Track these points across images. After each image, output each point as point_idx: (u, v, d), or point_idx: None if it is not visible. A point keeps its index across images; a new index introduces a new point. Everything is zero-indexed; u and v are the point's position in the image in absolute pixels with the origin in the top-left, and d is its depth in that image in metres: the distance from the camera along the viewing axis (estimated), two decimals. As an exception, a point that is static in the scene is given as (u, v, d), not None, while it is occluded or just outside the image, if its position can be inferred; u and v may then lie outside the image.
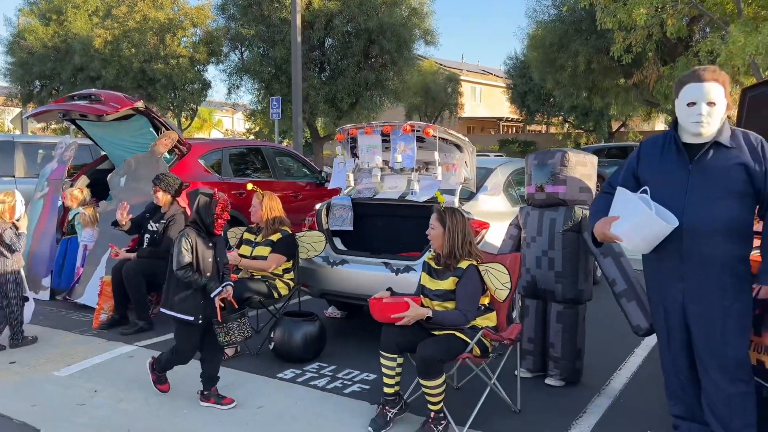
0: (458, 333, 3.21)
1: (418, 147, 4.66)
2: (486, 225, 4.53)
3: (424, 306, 3.31)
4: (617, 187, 2.92)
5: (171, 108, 23.36)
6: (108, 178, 6.35)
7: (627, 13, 11.09)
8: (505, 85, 31.90)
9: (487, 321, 3.30)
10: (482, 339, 3.22)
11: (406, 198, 4.72)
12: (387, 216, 5.10)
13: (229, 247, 4.90)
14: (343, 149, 5.08)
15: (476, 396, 3.38)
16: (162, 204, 5.33)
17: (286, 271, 4.66)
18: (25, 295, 4.74)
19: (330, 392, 3.79)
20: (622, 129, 28.30)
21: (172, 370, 4.19)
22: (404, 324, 3.15)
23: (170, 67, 21.29)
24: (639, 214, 2.69)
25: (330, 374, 4.10)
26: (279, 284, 4.58)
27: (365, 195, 5.03)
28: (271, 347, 4.34)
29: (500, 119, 38.04)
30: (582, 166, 3.92)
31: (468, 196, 4.85)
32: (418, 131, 4.51)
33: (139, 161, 6.16)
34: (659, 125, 30.86)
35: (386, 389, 3.31)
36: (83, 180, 6.97)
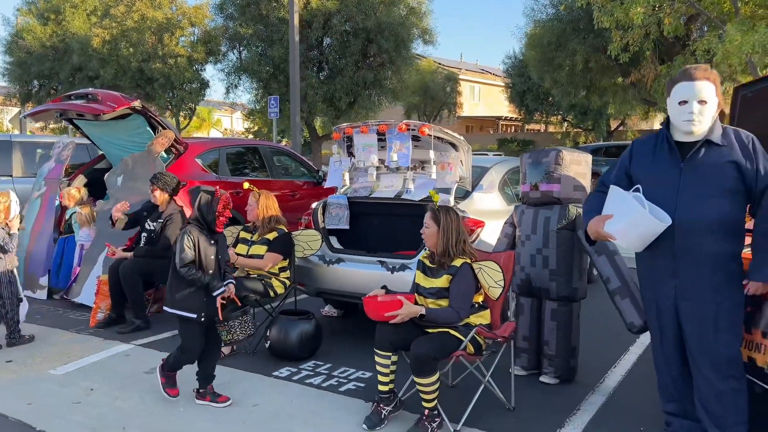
0: (452, 331, 3.23)
1: (414, 146, 4.67)
2: (481, 223, 4.54)
3: (418, 304, 3.32)
4: (611, 186, 2.94)
5: (169, 107, 23.35)
6: (105, 178, 6.36)
7: (624, 12, 11.09)
8: (504, 84, 31.90)
9: (481, 319, 3.32)
10: (476, 337, 3.23)
11: (402, 197, 4.73)
12: (383, 215, 5.11)
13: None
14: (339, 148, 5.09)
15: (471, 394, 3.39)
16: (159, 203, 5.35)
17: (282, 270, 4.67)
18: (19, 296, 4.74)
19: (325, 390, 3.80)
20: (621, 128, 28.29)
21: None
22: (398, 322, 3.16)
23: (168, 67, 21.29)
24: (632, 213, 2.71)
25: (326, 372, 4.11)
26: (275, 283, 4.60)
27: (361, 194, 5.05)
28: (267, 346, 4.35)
29: (499, 118, 38.04)
30: (576, 165, 3.94)
31: (463, 195, 4.86)
32: (414, 130, 4.52)
33: (136, 160, 6.17)
34: (657, 124, 30.81)
35: (381, 387, 3.32)
36: (80, 179, 6.98)
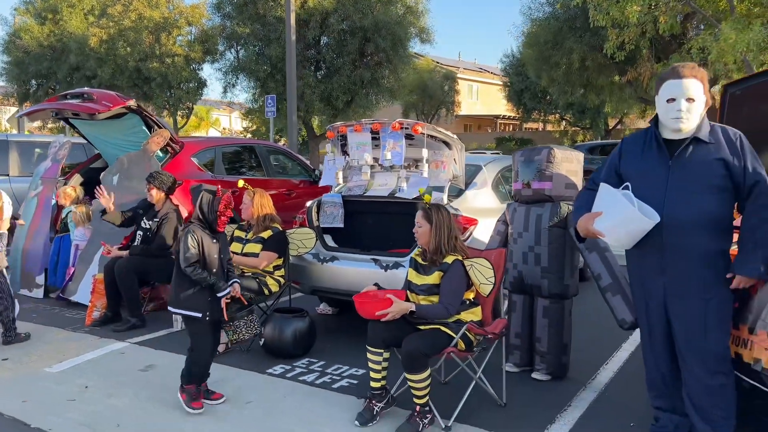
0: (443, 327, 3.25)
1: (408, 144, 4.69)
2: (474, 221, 4.57)
3: (410, 300, 3.35)
4: (600, 183, 2.96)
5: (167, 107, 23.35)
6: (101, 177, 6.38)
7: (620, 11, 11.12)
8: (502, 83, 31.91)
9: (472, 315, 3.34)
10: (467, 333, 3.25)
11: (396, 195, 4.75)
12: (377, 213, 5.13)
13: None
14: (334, 147, 5.11)
15: (463, 390, 3.41)
16: (155, 201, 5.37)
17: (277, 268, 4.69)
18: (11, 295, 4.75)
19: (318, 387, 3.82)
20: (619, 126, 28.32)
21: (164, 368, 4.23)
22: (389, 319, 3.19)
23: (166, 66, 21.29)
24: (621, 210, 2.73)
25: (319, 370, 4.13)
26: (269, 281, 4.61)
27: (355, 192, 5.06)
28: (261, 343, 4.37)
29: (497, 117, 38.06)
30: (568, 163, 3.96)
31: (457, 193, 4.89)
32: (407, 129, 4.54)
33: (132, 159, 6.19)
34: (654, 122, 30.80)
35: (373, 383, 3.34)
36: (76, 178, 7.00)
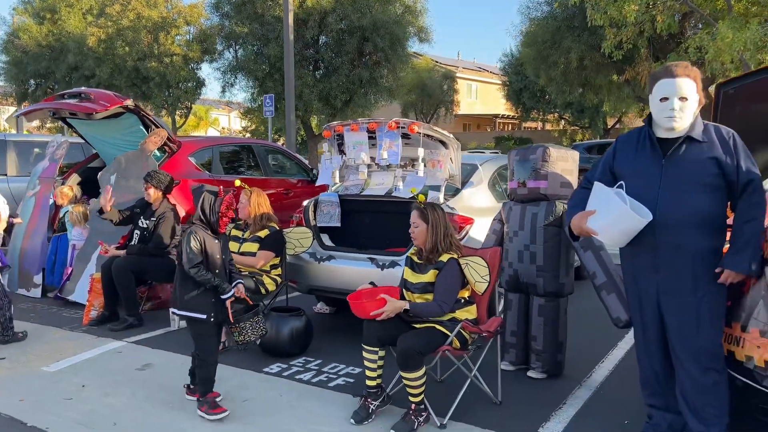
0: (438, 326, 3.26)
1: (405, 144, 4.71)
2: (470, 220, 4.58)
3: (405, 298, 3.36)
4: (594, 182, 2.97)
5: (165, 106, 23.37)
6: (98, 176, 6.39)
7: (617, 10, 11.13)
8: (501, 82, 31.95)
9: (467, 314, 3.35)
10: (462, 332, 3.27)
11: (392, 194, 4.76)
12: (373, 212, 5.14)
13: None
14: (330, 146, 5.12)
15: (459, 389, 3.42)
16: (153, 201, 5.39)
17: (274, 267, 4.71)
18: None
19: (315, 386, 3.84)
20: (618, 125, 28.35)
21: (161, 367, 4.24)
22: (384, 318, 3.20)
23: (164, 66, 21.31)
24: (614, 209, 2.74)
25: (315, 368, 4.15)
26: (266, 280, 4.63)
27: (352, 191, 5.08)
28: (258, 342, 4.37)
29: (496, 116, 38.10)
30: (563, 162, 3.97)
31: (453, 192, 4.90)
32: (404, 128, 4.55)
33: (129, 159, 6.20)
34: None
35: (368, 382, 3.36)
36: (74, 178, 7.01)
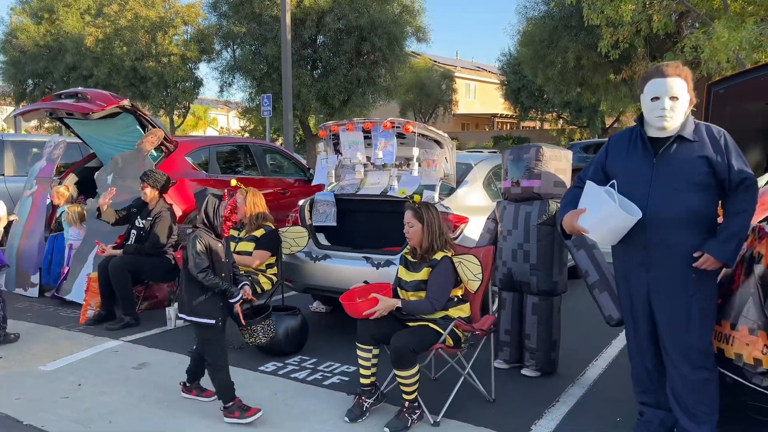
0: (431, 324, 3.29)
1: (400, 143, 4.72)
2: (465, 219, 4.60)
3: (398, 296, 3.39)
4: (586, 181, 3.00)
5: (163, 106, 23.38)
6: (95, 176, 6.40)
7: (614, 10, 11.15)
8: (499, 82, 31.96)
9: (460, 312, 3.37)
10: (455, 330, 3.29)
11: (388, 194, 4.78)
12: (369, 211, 5.16)
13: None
14: (326, 146, 5.14)
15: (453, 387, 3.44)
16: (149, 200, 5.41)
17: (269, 267, 4.73)
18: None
19: (309, 384, 3.86)
20: (616, 125, 28.37)
21: (158, 366, 4.26)
22: (377, 317, 3.22)
23: (162, 65, 21.33)
24: (604, 207, 2.77)
25: (311, 367, 4.17)
26: (262, 279, 4.65)
27: (348, 191, 5.10)
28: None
29: (494, 116, 38.12)
30: (556, 161, 3.99)
31: (448, 192, 4.92)
32: (398, 128, 4.57)
33: (126, 159, 6.21)
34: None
35: (363, 380, 3.38)
36: (71, 178, 7.03)
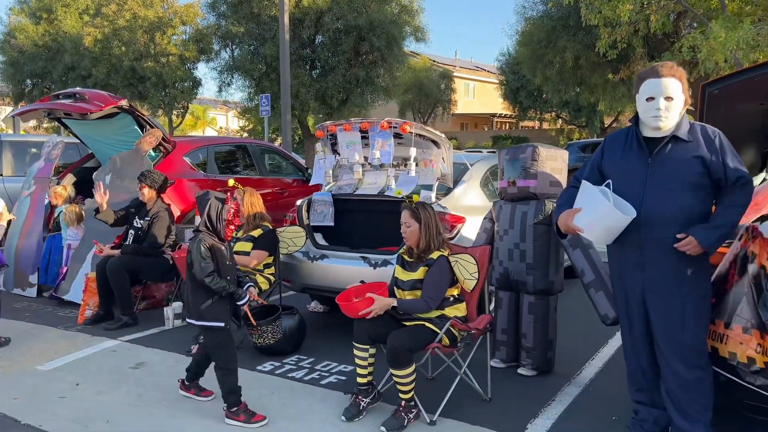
0: (427, 323, 3.30)
1: (398, 143, 4.74)
2: (462, 219, 4.61)
3: (394, 295, 3.40)
4: (582, 181, 3.01)
5: (162, 106, 23.36)
6: (93, 176, 6.41)
7: (612, 9, 11.16)
8: (498, 82, 31.96)
9: (457, 311, 3.39)
10: (451, 329, 3.30)
11: (385, 193, 4.80)
12: (366, 211, 5.17)
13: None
14: (324, 146, 5.15)
15: (449, 386, 3.46)
16: (147, 200, 5.42)
17: (267, 266, 4.74)
18: None
19: (307, 383, 3.87)
20: (615, 124, 28.39)
21: (155, 365, 4.27)
22: (373, 316, 3.24)
23: (160, 65, 21.32)
24: (599, 207, 2.78)
25: (308, 366, 4.18)
26: (260, 279, 4.66)
27: (346, 191, 5.11)
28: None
29: (493, 115, 38.12)
30: (552, 161, 4.01)
31: (445, 192, 4.93)
32: (396, 128, 4.59)
33: (124, 159, 6.22)
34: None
35: (359, 379, 3.39)
36: (69, 178, 7.04)
